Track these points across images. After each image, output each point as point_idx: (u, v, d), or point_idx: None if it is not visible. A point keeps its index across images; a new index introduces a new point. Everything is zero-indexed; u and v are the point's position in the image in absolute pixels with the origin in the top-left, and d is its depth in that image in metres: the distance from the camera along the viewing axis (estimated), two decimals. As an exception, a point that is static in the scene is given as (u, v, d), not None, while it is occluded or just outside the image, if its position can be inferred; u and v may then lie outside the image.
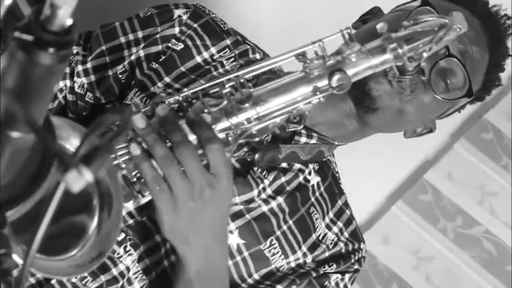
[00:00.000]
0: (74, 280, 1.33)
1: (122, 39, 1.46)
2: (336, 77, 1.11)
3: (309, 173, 1.44)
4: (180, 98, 1.17)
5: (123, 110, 0.69)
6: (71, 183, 0.64)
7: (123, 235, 1.34)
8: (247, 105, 1.13)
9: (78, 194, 0.65)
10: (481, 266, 2.20)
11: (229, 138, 1.14)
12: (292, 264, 1.39)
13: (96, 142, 0.66)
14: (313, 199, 1.43)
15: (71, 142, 0.96)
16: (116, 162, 1.13)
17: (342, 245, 1.44)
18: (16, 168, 0.75)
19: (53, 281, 1.34)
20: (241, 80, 1.14)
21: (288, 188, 1.41)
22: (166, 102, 1.17)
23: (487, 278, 2.19)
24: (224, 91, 1.14)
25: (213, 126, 1.13)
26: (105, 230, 1.04)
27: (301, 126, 1.40)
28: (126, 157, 1.13)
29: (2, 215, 0.75)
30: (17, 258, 0.85)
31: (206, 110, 1.13)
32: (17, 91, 0.68)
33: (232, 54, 1.45)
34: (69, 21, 0.67)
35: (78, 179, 0.64)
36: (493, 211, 2.24)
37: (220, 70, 1.43)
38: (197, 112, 1.14)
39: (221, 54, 1.45)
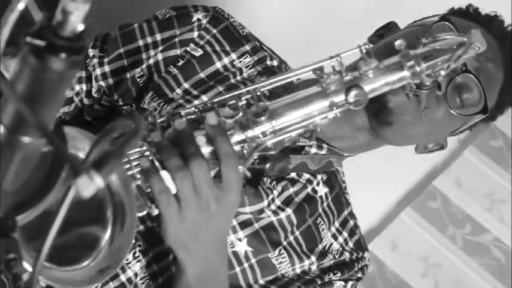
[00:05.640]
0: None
1: (140, 42, 1.45)
2: (353, 92, 1.11)
3: (317, 184, 1.43)
4: (196, 110, 1.17)
5: (135, 117, 0.69)
6: (81, 188, 0.64)
7: (132, 241, 1.34)
8: (263, 118, 1.12)
9: (92, 204, 0.65)
10: (490, 273, 2.19)
11: (244, 152, 1.14)
12: (298, 271, 1.39)
13: (107, 148, 0.66)
14: (320, 210, 1.43)
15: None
16: (130, 172, 1.13)
17: (346, 254, 1.44)
18: (27, 173, 0.75)
19: (62, 290, 1.34)
20: (258, 93, 1.14)
21: (296, 199, 1.40)
22: (183, 113, 1.17)
23: (496, 285, 2.19)
24: (240, 103, 1.14)
25: None
26: (118, 243, 1.04)
27: (312, 141, 1.40)
28: (141, 167, 1.14)
29: (12, 219, 0.75)
30: (26, 265, 0.85)
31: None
32: (28, 96, 0.68)
33: (252, 61, 1.45)
34: (80, 27, 0.67)
35: (89, 185, 0.64)
36: (502, 218, 2.24)
37: (238, 78, 1.43)
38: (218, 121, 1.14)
39: (241, 59, 1.45)
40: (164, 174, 1.13)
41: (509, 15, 1.53)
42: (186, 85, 1.42)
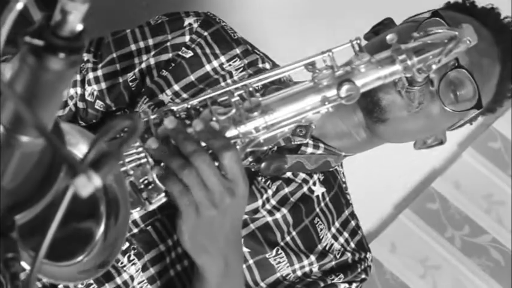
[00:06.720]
0: (79, 286, 1.33)
1: (133, 47, 1.46)
2: (345, 87, 1.11)
3: (313, 184, 1.43)
4: (189, 106, 1.17)
5: (132, 116, 0.69)
6: (79, 188, 0.64)
7: (127, 244, 1.33)
8: (255, 113, 1.13)
9: (85, 200, 0.65)
10: (488, 274, 2.19)
11: (237, 147, 1.14)
12: (299, 273, 1.39)
13: (105, 147, 0.66)
14: (318, 210, 1.43)
15: (80, 148, 0.96)
16: (123, 168, 1.13)
17: (348, 254, 1.44)
18: (25, 172, 0.75)
19: (60, 287, 1.34)
20: (250, 89, 1.14)
21: (292, 199, 1.40)
22: (175, 109, 1.17)
23: (494, 286, 2.19)
24: (233, 99, 1.14)
25: None
26: (112, 237, 1.04)
27: (307, 139, 1.40)
28: (134, 164, 1.13)
29: (11, 218, 0.75)
30: (24, 264, 0.85)
31: (214, 118, 1.14)
32: (27, 95, 0.68)
33: (242, 64, 1.45)
34: (79, 27, 0.67)
35: (87, 184, 0.64)
36: (500, 220, 2.24)
37: (229, 81, 1.43)
38: (205, 120, 1.14)
39: (231, 63, 1.45)
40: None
41: (508, 8, 1.53)
42: (176, 87, 1.42)
